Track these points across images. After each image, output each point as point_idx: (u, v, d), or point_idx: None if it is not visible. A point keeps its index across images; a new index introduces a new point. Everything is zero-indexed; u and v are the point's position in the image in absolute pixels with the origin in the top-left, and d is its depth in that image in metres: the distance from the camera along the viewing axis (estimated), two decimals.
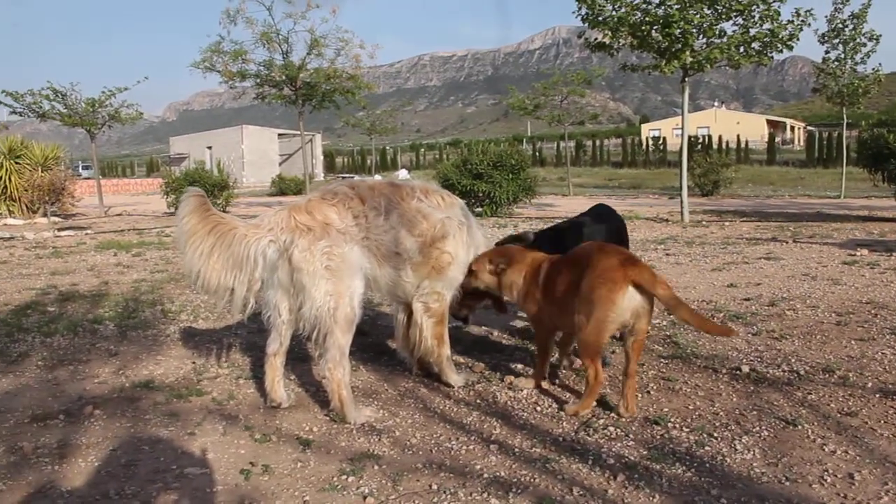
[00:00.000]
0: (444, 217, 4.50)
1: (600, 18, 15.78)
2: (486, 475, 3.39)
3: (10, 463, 3.63)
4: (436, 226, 4.44)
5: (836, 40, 23.23)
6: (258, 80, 24.60)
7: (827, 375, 4.68)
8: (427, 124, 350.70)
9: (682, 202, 16.76)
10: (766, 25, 15.20)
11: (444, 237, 4.47)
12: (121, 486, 3.35)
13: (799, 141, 75.69)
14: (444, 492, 3.22)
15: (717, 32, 15.46)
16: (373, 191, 4.41)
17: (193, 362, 5.40)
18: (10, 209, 21.11)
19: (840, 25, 22.94)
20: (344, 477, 3.40)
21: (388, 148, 75.54)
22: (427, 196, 4.54)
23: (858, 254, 10.04)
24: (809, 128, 69.87)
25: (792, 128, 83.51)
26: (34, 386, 4.87)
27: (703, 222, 16.26)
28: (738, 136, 57.46)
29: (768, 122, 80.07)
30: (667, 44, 15.40)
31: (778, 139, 64.30)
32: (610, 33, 16.09)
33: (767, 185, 36.37)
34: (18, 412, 4.35)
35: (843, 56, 23.41)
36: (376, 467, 3.50)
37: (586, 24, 16.25)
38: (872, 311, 6.49)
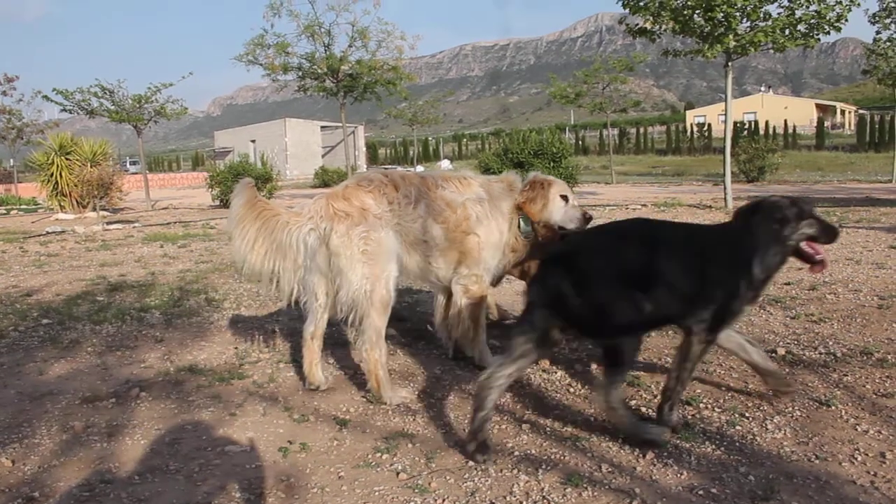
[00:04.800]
0: (465, 199, 4.57)
1: (641, 3, 15.59)
2: (516, 453, 3.45)
3: (63, 441, 3.81)
4: (457, 210, 4.51)
5: (888, 20, 22.53)
6: (300, 73, 24.90)
7: (865, 358, 4.64)
8: (469, 114, 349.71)
9: (725, 188, 16.52)
10: (813, 7, 14.81)
11: (467, 219, 4.53)
12: (165, 463, 3.49)
13: (849, 125, 73.75)
14: (476, 468, 3.30)
15: (761, 15, 15.16)
16: (404, 180, 4.52)
17: (236, 348, 5.56)
18: (62, 204, 21.70)
19: (892, 4, 22.17)
20: (378, 454, 3.49)
21: (430, 139, 75.52)
22: (447, 183, 4.62)
23: None
24: (860, 111, 67.92)
25: (842, 112, 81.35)
26: (84, 370, 5.06)
27: None
28: (785, 121, 56.23)
29: (817, 106, 78.16)
30: (709, 28, 15.17)
31: (827, 124, 62.79)
32: (651, 18, 15.90)
33: (815, 171, 35.62)
34: (70, 394, 4.53)
35: (895, 36, 22.74)
36: (410, 445, 3.59)
37: (627, 10, 16.08)
38: None
